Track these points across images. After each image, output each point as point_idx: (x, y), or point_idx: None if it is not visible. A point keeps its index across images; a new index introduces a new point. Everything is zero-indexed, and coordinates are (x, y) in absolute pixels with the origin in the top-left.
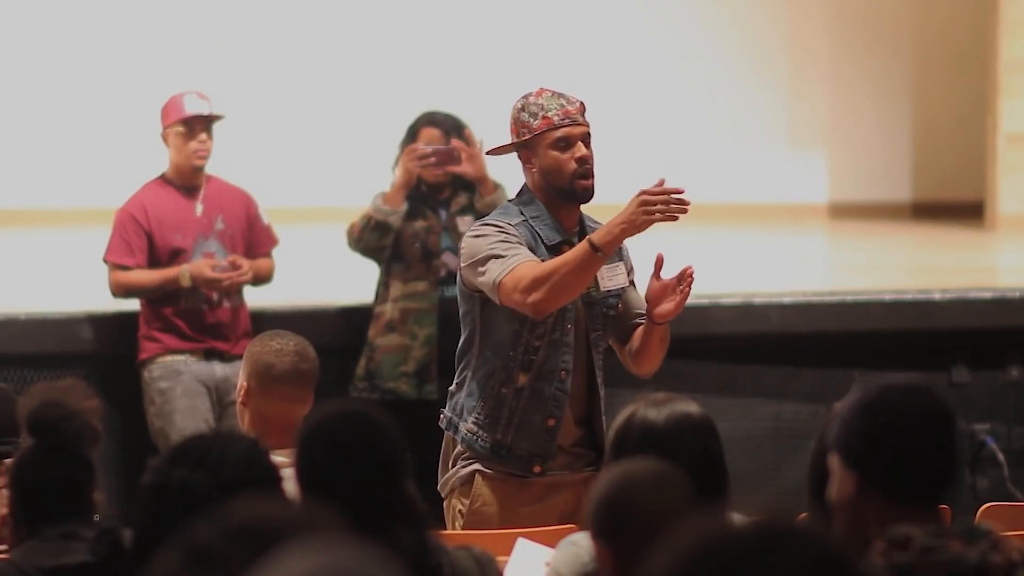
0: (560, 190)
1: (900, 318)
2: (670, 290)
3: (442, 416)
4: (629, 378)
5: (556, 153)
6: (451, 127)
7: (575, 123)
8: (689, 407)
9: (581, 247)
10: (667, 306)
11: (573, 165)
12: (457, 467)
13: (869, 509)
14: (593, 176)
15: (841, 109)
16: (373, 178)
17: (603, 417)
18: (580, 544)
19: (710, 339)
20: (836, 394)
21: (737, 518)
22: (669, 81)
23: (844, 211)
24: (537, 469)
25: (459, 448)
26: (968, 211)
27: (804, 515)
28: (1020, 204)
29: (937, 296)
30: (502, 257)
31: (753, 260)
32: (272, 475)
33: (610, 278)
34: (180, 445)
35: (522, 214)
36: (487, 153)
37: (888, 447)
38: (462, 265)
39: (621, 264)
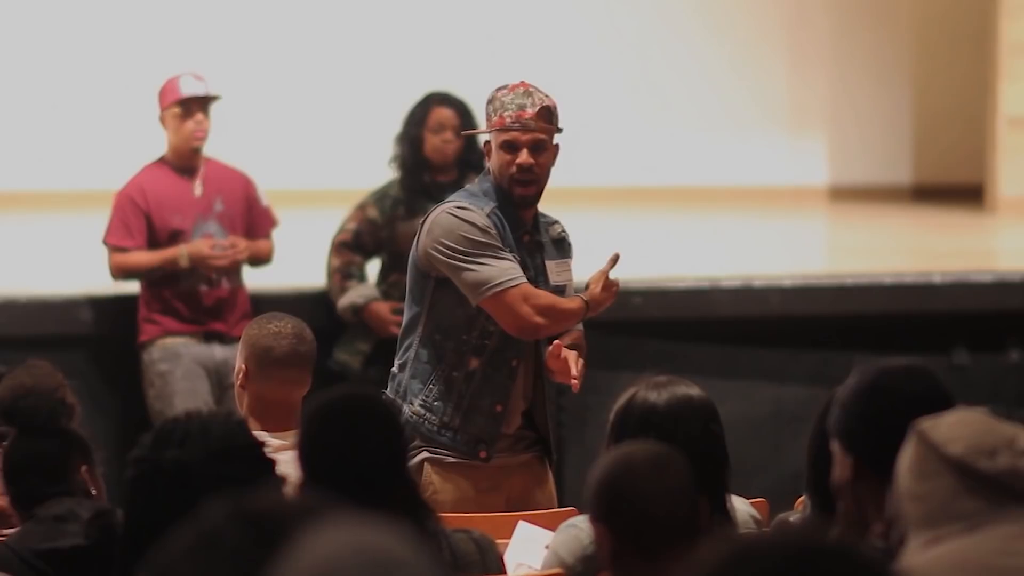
0: (501, 189)
1: (900, 301)
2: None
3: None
4: (629, 361)
5: (502, 153)
6: (463, 111)
7: (524, 129)
8: (690, 390)
9: (576, 301)
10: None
11: (512, 170)
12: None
13: (868, 492)
14: (535, 184)
15: (841, 92)
16: (373, 160)
17: (546, 404)
18: (580, 527)
19: (710, 322)
20: (836, 377)
21: (739, 502)
22: (669, 64)
23: (844, 194)
24: (483, 454)
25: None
26: (968, 194)
27: (802, 497)
28: (1020, 187)
29: (937, 279)
30: (496, 261)
31: (753, 243)
32: (254, 442)
33: (558, 273)
34: (158, 430)
35: (490, 201)
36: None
37: (885, 430)
38: (432, 245)
39: (570, 261)
